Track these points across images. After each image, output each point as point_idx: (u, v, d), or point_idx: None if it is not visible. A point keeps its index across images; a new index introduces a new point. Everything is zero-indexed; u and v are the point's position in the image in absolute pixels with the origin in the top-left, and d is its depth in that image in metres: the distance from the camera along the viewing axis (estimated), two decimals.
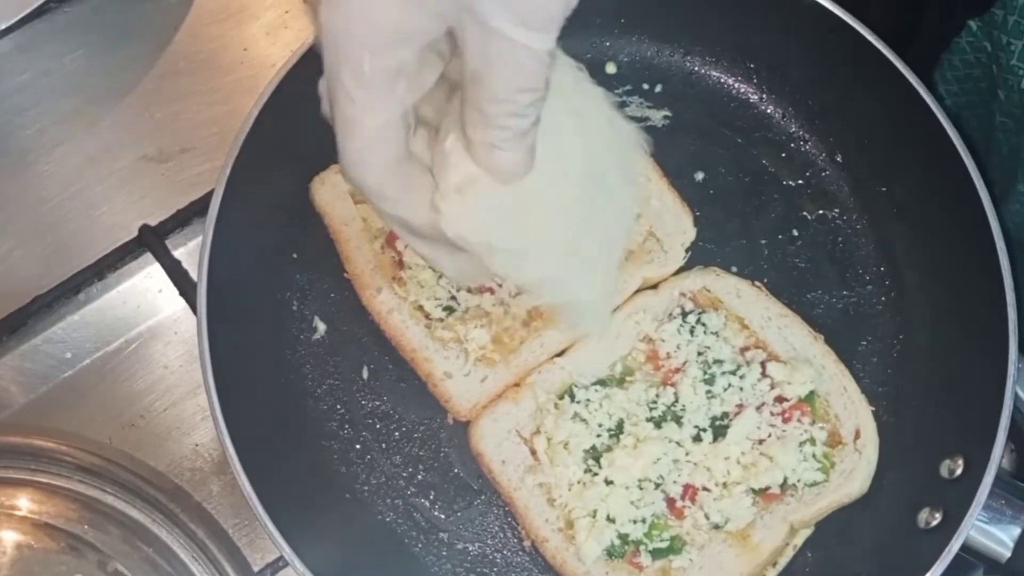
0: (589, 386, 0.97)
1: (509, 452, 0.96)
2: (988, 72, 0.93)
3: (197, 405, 1.05)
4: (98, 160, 1.13)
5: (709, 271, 1.02)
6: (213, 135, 1.13)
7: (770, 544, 0.93)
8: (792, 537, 0.95)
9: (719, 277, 1.01)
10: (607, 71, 1.10)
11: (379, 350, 1.01)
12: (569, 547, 0.93)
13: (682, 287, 1.01)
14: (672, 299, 1.00)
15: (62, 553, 0.95)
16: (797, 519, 0.94)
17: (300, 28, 1.19)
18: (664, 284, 1.01)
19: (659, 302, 1.00)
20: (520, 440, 0.96)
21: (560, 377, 0.98)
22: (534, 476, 0.95)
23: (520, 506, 0.95)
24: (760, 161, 1.09)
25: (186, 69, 1.16)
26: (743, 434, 0.94)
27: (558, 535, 0.94)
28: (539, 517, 0.94)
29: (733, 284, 1.01)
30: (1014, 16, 0.86)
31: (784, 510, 0.94)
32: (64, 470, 0.98)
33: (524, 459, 0.96)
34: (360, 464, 0.99)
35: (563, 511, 0.94)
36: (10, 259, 1.09)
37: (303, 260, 1.04)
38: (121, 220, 1.09)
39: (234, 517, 1.02)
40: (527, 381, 0.97)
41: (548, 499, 0.95)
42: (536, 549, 0.95)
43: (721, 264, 1.03)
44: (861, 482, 0.95)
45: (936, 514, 0.89)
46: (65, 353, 1.06)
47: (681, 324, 0.99)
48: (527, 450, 0.96)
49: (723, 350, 0.98)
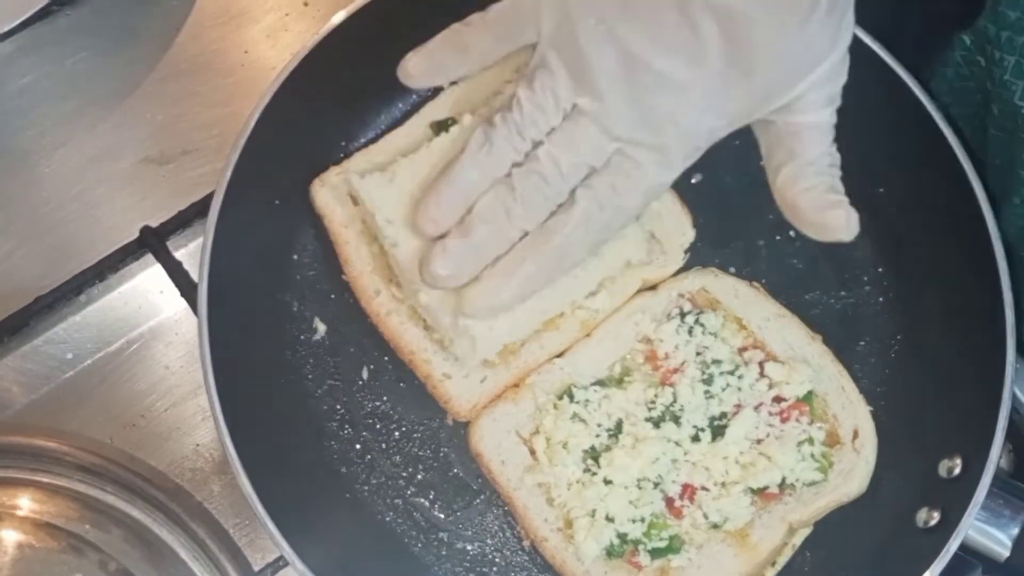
0: (588, 386, 0.97)
1: (508, 452, 0.96)
2: (982, 86, 0.94)
3: (198, 405, 1.05)
4: (99, 161, 1.13)
5: (707, 272, 1.02)
6: (214, 137, 1.14)
7: (769, 544, 0.93)
8: (791, 536, 0.95)
9: (717, 277, 1.01)
10: None
11: (379, 351, 1.01)
12: (568, 547, 0.94)
13: (680, 288, 1.01)
14: (671, 300, 1.01)
15: (63, 553, 0.95)
16: (796, 519, 0.94)
17: (300, 31, 1.19)
18: (663, 285, 1.01)
19: (658, 303, 1.00)
20: (519, 440, 0.96)
21: (559, 377, 0.98)
22: (533, 476, 0.95)
23: (519, 506, 0.95)
24: (759, 162, 1.08)
25: (187, 71, 1.16)
26: (741, 434, 0.94)
27: (557, 535, 0.94)
28: (538, 517, 0.95)
29: (731, 284, 1.01)
30: (1007, 32, 0.86)
31: (783, 510, 0.94)
32: (65, 470, 0.98)
33: (523, 459, 0.96)
34: (360, 464, 0.99)
35: (562, 511, 0.94)
36: (11, 260, 1.09)
37: (303, 261, 1.04)
38: (122, 221, 1.10)
39: (234, 517, 1.02)
40: (526, 382, 0.98)
41: (547, 499, 0.95)
42: (535, 549, 0.95)
43: (719, 265, 1.03)
44: (859, 482, 0.95)
45: (934, 514, 0.90)
46: (66, 353, 1.07)
47: (679, 324, 0.99)
48: (526, 450, 0.96)
49: (721, 350, 0.98)
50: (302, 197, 1.03)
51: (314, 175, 1.03)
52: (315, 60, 0.97)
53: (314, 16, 1.20)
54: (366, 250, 1.01)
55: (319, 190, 1.02)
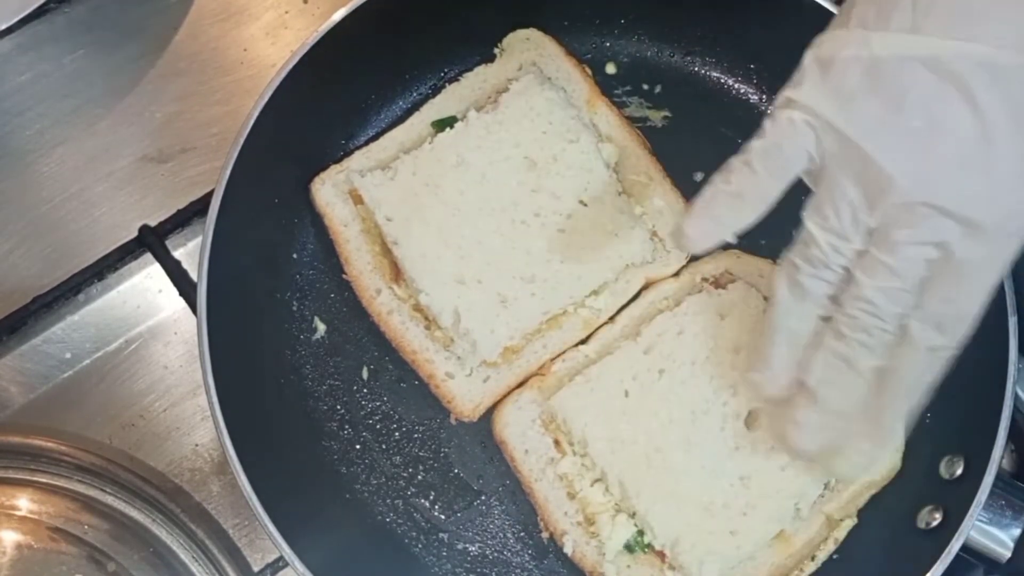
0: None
1: (533, 442, 0.96)
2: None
3: (197, 405, 1.05)
4: (98, 160, 1.13)
5: (730, 253, 1.00)
6: (213, 135, 1.13)
7: (804, 535, 0.92)
8: (831, 530, 0.94)
9: (740, 259, 1.00)
10: (607, 71, 1.10)
11: (379, 350, 1.01)
12: (590, 540, 0.93)
13: (703, 271, 1.00)
14: (694, 284, 1.00)
15: (62, 553, 0.95)
16: (832, 508, 0.93)
17: (300, 28, 1.19)
18: (685, 269, 1.00)
19: (681, 287, 1.00)
20: (544, 430, 0.96)
21: (584, 365, 0.97)
22: (555, 468, 0.95)
23: (540, 497, 0.95)
24: None
25: (186, 69, 1.16)
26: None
27: (577, 528, 0.94)
28: (558, 510, 0.94)
29: (755, 265, 1.00)
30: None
31: (817, 500, 0.93)
32: (64, 470, 0.98)
33: (547, 450, 0.96)
34: (360, 464, 0.99)
35: (583, 504, 0.94)
36: (10, 259, 1.09)
37: (303, 260, 1.04)
38: (121, 220, 1.10)
39: (234, 517, 1.02)
40: (552, 370, 0.97)
41: (568, 492, 0.95)
42: (553, 541, 0.95)
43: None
44: (890, 458, 0.93)
45: (936, 514, 0.89)
46: (65, 353, 1.06)
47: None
48: (550, 440, 0.96)
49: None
50: (302, 196, 1.02)
51: (314, 173, 1.02)
52: (315, 58, 0.97)
53: (314, 14, 1.19)
54: (367, 249, 1.01)
55: (319, 189, 1.02)
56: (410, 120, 1.04)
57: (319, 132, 1.04)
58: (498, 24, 1.07)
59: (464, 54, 1.08)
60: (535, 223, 0.98)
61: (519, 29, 1.07)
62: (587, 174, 1.00)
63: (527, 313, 0.96)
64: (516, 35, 1.07)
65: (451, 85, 1.06)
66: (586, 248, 0.98)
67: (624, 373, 0.95)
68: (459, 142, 1.00)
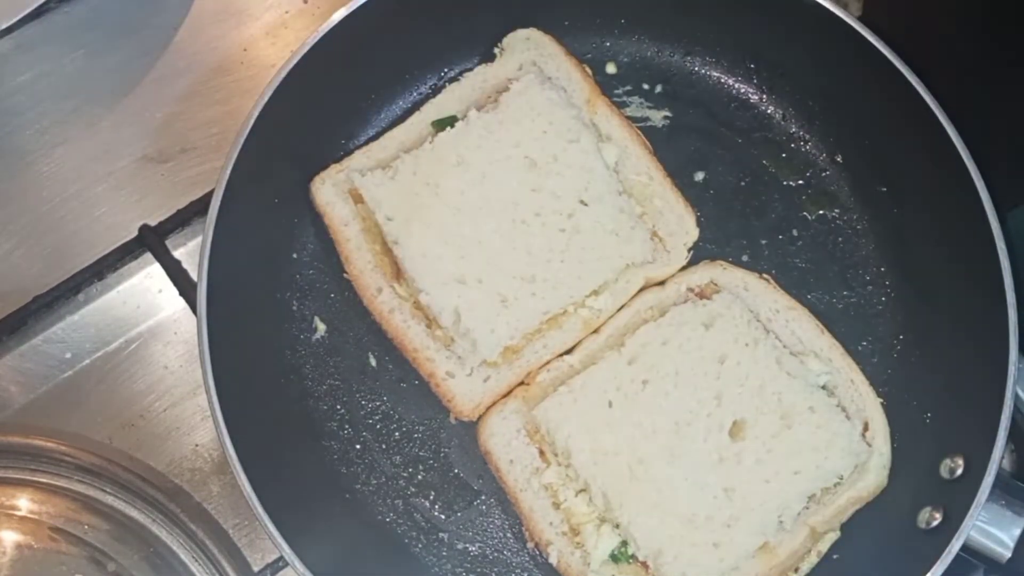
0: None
1: (518, 452, 0.96)
2: None
3: (197, 405, 1.05)
4: (98, 160, 1.12)
5: (715, 265, 1.01)
6: (213, 135, 1.13)
7: (787, 547, 0.92)
8: (815, 542, 0.94)
9: (725, 270, 1.01)
10: (607, 71, 1.10)
11: (379, 350, 1.01)
12: (574, 551, 0.93)
13: (689, 281, 1.00)
14: (680, 294, 1.00)
15: (62, 553, 0.95)
16: (816, 521, 0.93)
17: (300, 28, 1.18)
18: (671, 279, 1.01)
19: (666, 297, 1.00)
20: (529, 440, 0.96)
21: (569, 375, 0.97)
22: (540, 478, 0.95)
23: (525, 507, 0.94)
24: (760, 161, 1.09)
25: (186, 69, 1.16)
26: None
27: (562, 538, 0.94)
28: (544, 520, 0.94)
29: (740, 277, 1.00)
30: None
31: (803, 512, 0.93)
32: (64, 470, 0.98)
33: (532, 460, 0.96)
34: (360, 464, 0.99)
35: (568, 515, 0.94)
36: (10, 259, 1.09)
37: (303, 260, 1.04)
38: (121, 220, 1.09)
39: (234, 517, 1.02)
40: (536, 379, 0.97)
41: (553, 502, 0.94)
42: (539, 551, 0.95)
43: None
44: (876, 475, 0.94)
45: (937, 514, 0.89)
46: (65, 353, 1.06)
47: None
48: (535, 450, 0.96)
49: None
50: (302, 195, 1.02)
51: (314, 173, 1.02)
52: (315, 58, 0.97)
53: (314, 14, 1.19)
54: (367, 248, 1.01)
55: (319, 188, 1.02)
56: (410, 120, 1.04)
57: (319, 132, 1.04)
58: (498, 24, 1.07)
59: (464, 54, 1.08)
60: (535, 223, 0.98)
61: (519, 29, 1.07)
62: (587, 174, 1.00)
63: (527, 313, 0.96)
64: (516, 35, 1.07)
65: (451, 85, 1.06)
66: (586, 248, 0.98)
67: (608, 384, 0.95)
68: (459, 142, 1.00)
